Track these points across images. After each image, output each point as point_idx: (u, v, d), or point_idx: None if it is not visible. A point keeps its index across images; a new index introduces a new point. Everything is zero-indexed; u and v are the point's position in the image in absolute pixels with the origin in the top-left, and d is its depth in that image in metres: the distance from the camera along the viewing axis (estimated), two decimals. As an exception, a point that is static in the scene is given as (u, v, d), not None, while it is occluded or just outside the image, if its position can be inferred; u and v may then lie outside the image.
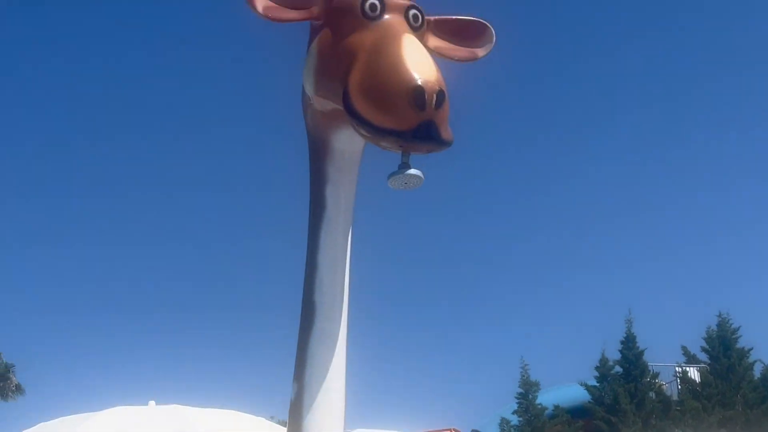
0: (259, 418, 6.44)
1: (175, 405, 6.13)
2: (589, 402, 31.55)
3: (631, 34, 74.07)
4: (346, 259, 5.12)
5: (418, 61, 4.23)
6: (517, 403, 32.27)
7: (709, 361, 31.57)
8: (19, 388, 50.89)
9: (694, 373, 32.37)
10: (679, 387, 32.30)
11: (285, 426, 4.97)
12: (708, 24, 72.91)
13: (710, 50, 70.00)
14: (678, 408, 30.21)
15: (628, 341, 31.36)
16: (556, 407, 31.86)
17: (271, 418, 10.64)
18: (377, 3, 4.63)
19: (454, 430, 38.12)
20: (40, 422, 6.28)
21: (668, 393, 31.96)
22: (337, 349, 4.91)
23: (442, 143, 4.25)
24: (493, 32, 5.21)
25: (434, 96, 4.11)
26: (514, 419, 32.06)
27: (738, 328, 31.49)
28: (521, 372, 32.53)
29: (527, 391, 32.10)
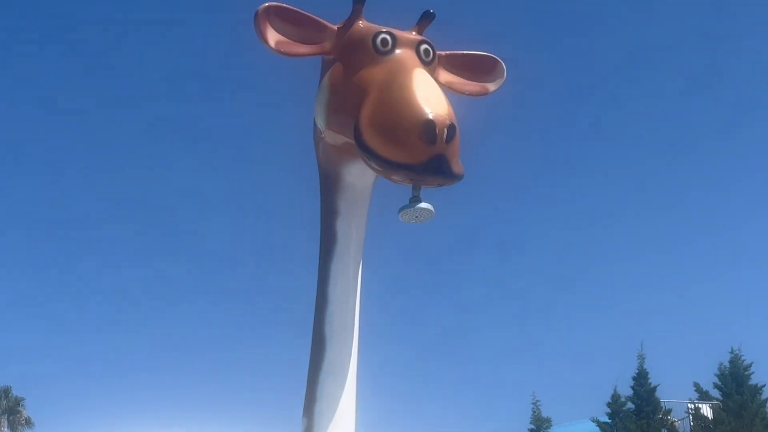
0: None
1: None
2: (600, 439, 31.34)
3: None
4: (356, 292, 5.11)
5: (429, 96, 4.25)
6: (529, 440, 32.10)
7: (721, 398, 31.31)
8: (29, 422, 50.88)
9: (706, 410, 32.10)
10: (692, 424, 32.02)
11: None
12: None
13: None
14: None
15: (641, 377, 31.16)
16: (568, 444, 31.68)
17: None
18: (389, 38, 4.66)
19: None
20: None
21: (681, 430, 31.70)
22: (347, 384, 4.90)
23: (453, 177, 4.26)
24: (504, 67, 5.23)
25: (445, 130, 4.13)
26: (527, 456, 31.88)
27: (750, 365, 31.25)
28: (533, 408, 32.37)
29: (539, 427, 31.91)
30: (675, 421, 32.01)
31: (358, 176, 4.90)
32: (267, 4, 4.64)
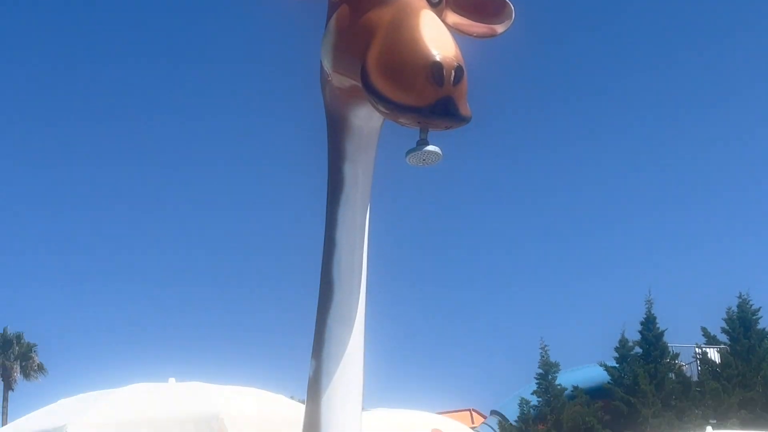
0: (279, 395, 6.47)
1: (195, 382, 6.17)
2: (608, 383, 31.52)
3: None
4: (364, 237, 5.11)
5: (436, 37, 4.20)
6: (537, 383, 32.27)
7: (729, 342, 31.46)
8: (41, 368, 51.36)
9: (714, 354, 32.27)
10: (699, 368, 32.21)
11: (304, 404, 4.98)
12: None
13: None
14: (698, 389, 30.14)
15: (648, 322, 31.29)
16: (576, 388, 31.84)
17: (291, 398, 10.68)
18: (395, -21, 4.60)
19: (473, 410, 38.31)
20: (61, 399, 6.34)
21: (688, 374, 31.88)
22: (355, 328, 4.91)
23: (461, 119, 4.22)
24: (513, 8, 5.18)
25: (452, 72, 4.09)
26: (534, 399, 32.08)
27: (758, 309, 31.36)
28: (541, 353, 32.53)
29: (547, 371, 32.09)
30: (682, 365, 32.18)
31: (366, 119, 4.87)
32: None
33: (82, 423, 5.31)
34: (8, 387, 50.59)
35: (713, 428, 9.61)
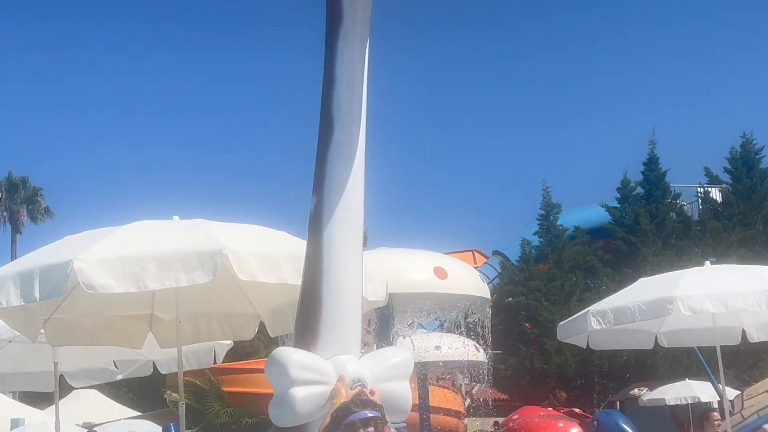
0: (281, 232, 6.54)
1: (198, 219, 6.23)
2: (609, 223, 31.81)
3: None
4: (363, 73, 5.08)
5: None
6: (539, 224, 32.56)
7: (731, 182, 31.59)
8: (48, 211, 51.91)
9: (715, 194, 32.45)
10: (700, 207, 32.44)
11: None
12: None
13: None
14: (698, 228, 30.43)
15: (651, 162, 31.32)
16: (577, 228, 32.16)
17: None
18: None
19: (476, 251, 38.83)
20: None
21: (689, 213, 32.12)
22: (355, 163, 4.94)
23: None
24: None
25: None
26: (535, 240, 32.44)
27: (761, 149, 31.37)
28: (543, 194, 32.70)
29: (549, 212, 32.34)
30: (684, 205, 32.39)
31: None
32: None
33: (87, 258, 5.38)
34: (16, 230, 51.25)
35: (711, 264, 9.75)
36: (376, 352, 5.06)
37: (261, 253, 5.76)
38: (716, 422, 11.47)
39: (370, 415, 4.43)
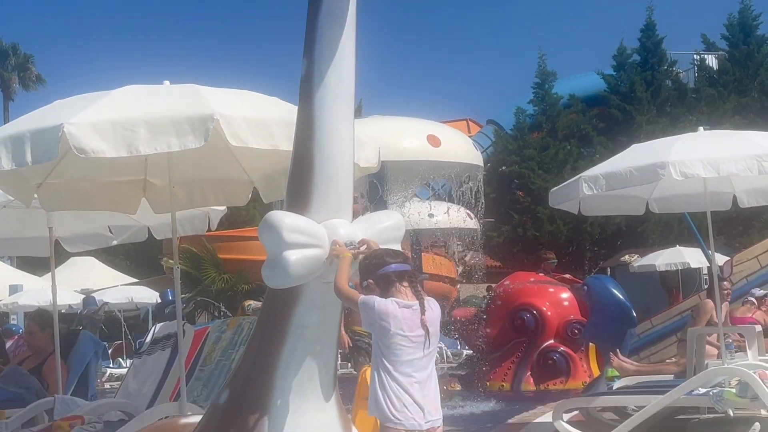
0: (273, 98, 6.50)
1: (189, 84, 6.18)
2: (604, 91, 31.69)
3: None
4: None
5: None
6: (533, 92, 32.44)
7: (727, 49, 31.35)
8: (39, 79, 51.46)
9: (712, 61, 32.23)
10: (696, 75, 32.27)
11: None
12: None
13: None
14: (693, 95, 30.35)
15: (648, 29, 31.01)
16: (572, 96, 32.04)
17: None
18: None
19: (470, 120, 38.74)
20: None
21: (685, 81, 31.98)
22: (346, 28, 4.86)
23: None
24: None
25: None
26: (530, 108, 32.37)
27: (759, 15, 31.03)
28: (538, 62, 32.48)
29: (543, 80, 32.18)
30: (679, 73, 32.22)
31: None
32: None
33: (78, 122, 5.35)
34: (8, 98, 50.96)
35: (704, 130, 9.73)
36: (368, 216, 5.08)
37: (253, 119, 5.74)
38: (726, 291, 11.71)
39: (406, 267, 4.56)
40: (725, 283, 12.04)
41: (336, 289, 4.45)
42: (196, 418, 5.17)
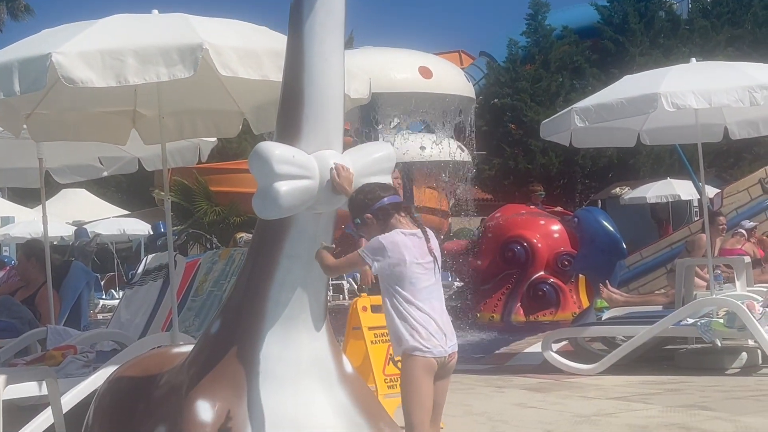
0: (262, 27, 6.45)
1: (178, 14, 6.12)
2: (598, 22, 31.46)
3: None
4: None
5: None
6: (526, 24, 32.18)
7: (723, -22, 31.10)
8: (27, 9, 50.83)
9: (707, -11, 31.99)
10: (690, 6, 32.04)
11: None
12: None
13: None
14: (687, 27, 30.16)
15: (642, -41, 30.72)
16: (565, 28, 31.81)
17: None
18: None
19: (462, 52, 38.47)
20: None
21: (678, 12, 31.75)
22: (338, -47, 4.79)
23: None
24: None
25: None
26: (523, 40, 32.14)
27: (753, -55, 30.74)
28: (531, 4, 32.17)
29: (537, 11, 31.89)
30: (673, 4, 32.00)
31: None
32: None
33: (66, 51, 5.30)
34: (-4, 28, 50.38)
35: (697, 62, 9.70)
36: (359, 147, 5.07)
37: (242, 49, 5.70)
38: (721, 227, 11.80)
39: (400, 199, 4.54)
40: (721, 218, 12.14)
41: (331, 268, 4.45)
42: (188, 348, 5.21)
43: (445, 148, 16.38)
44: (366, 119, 12.92)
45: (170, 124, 7.27)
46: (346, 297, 19.86)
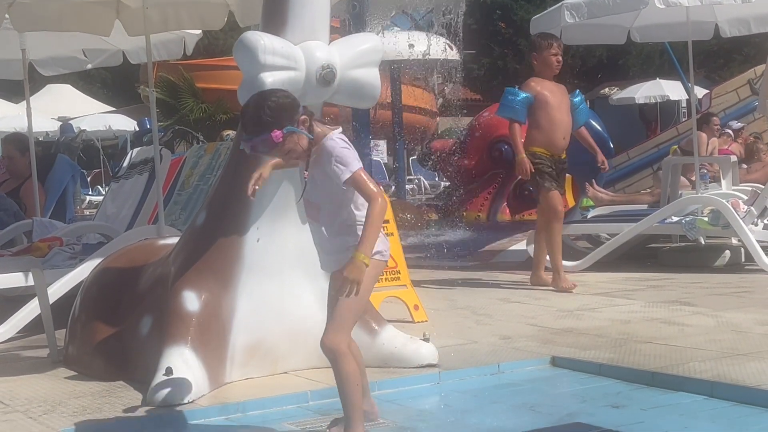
0: None
1: None
2: None
3: None
4: None
5: None
6: None
7: None
8: None
9: None
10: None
11: None
12: None
13: None
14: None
15: None
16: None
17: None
18: None
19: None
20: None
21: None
22: None
23: None
24: None
25: None
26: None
27: None
28: None
29: None
30: None
31: None
32: None
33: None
34: None
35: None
36: (345, 38, 5.01)
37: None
38: (716, 127, 11.84)
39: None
40: (715, 118, 12.17)
41: (383, 206, 3.64)
42: (174, 240, 5.22)
43: (433, 46, 16.19)
44: (354, 16, 12.71)
45: (154, 16, 7.17)
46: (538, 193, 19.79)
